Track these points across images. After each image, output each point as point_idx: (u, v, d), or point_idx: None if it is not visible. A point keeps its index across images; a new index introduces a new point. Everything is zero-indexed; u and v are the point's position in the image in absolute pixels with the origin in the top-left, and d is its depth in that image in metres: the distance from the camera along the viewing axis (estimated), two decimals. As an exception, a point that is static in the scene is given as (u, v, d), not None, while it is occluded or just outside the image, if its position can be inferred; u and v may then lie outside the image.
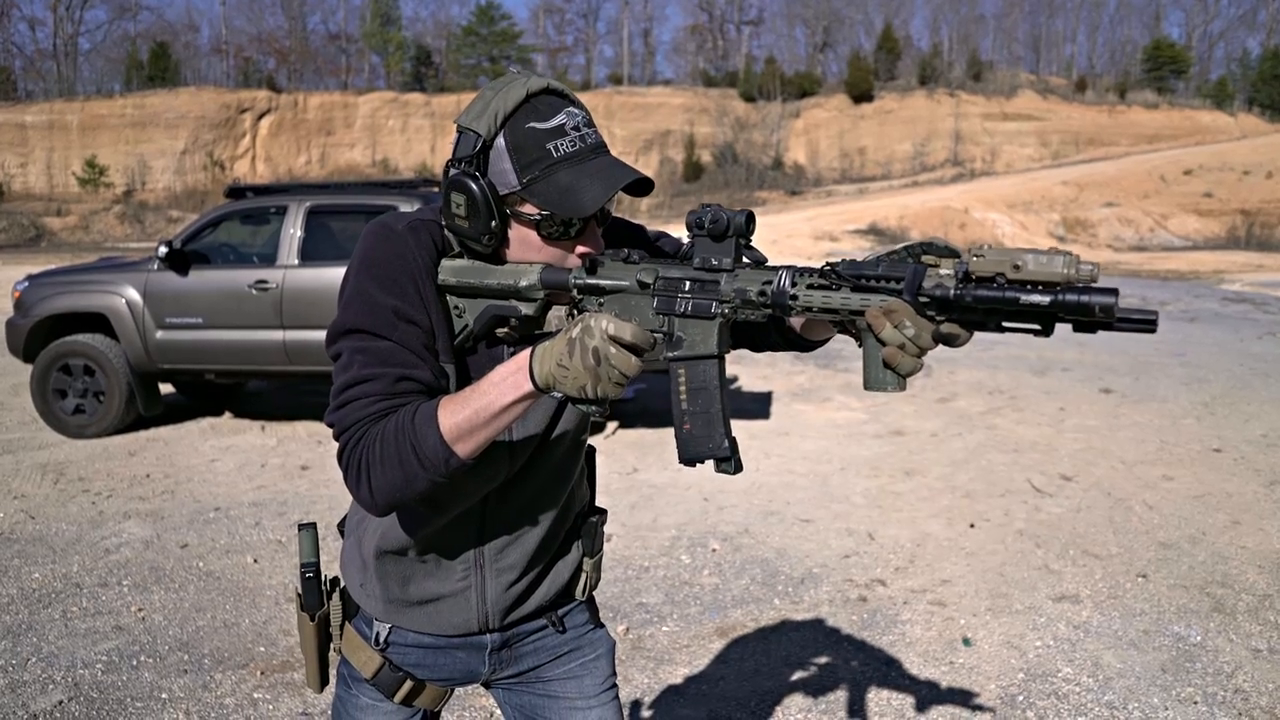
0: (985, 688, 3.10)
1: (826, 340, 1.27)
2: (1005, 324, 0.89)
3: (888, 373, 0.95)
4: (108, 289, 6.54)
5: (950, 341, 0.93)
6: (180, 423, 7.04)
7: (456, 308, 1.22)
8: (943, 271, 0.92)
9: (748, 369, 9.65)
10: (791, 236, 32.95)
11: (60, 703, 2.94)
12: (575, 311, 1.18)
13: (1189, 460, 5.99)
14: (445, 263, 1.21)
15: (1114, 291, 0.83)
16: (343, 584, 1.44)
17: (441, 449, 1.08)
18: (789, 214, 40.93)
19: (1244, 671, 3.21)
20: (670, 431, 6.73)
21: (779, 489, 5.39)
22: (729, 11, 73.86)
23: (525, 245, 1.18)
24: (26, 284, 6.80)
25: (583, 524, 1.45)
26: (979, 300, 0.88)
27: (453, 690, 1.46)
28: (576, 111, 1.16)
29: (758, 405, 7.89)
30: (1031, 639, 3.46)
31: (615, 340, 1.01)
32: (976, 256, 0.88)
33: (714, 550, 4.41)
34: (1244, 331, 12.52)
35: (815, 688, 3.10)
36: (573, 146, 1.13)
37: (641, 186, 1.15)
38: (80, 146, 49.43)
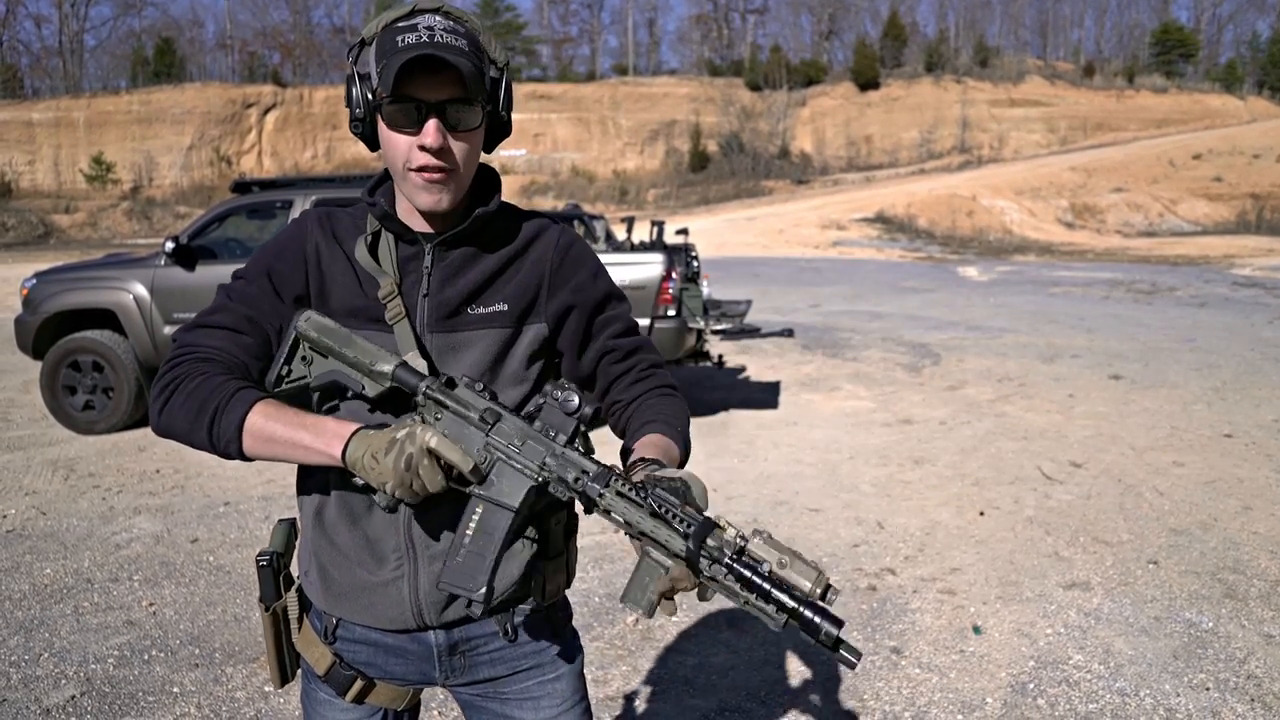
0: (996, 676, 3.10)
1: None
2: (749, 604, 1.05)
3: (646, 598, 1.09)
4: (115, 285, 6.56)
5: (702, 595, 1.08)
6: (189, 418, 7.06)
7: (304, 357, 1.26)
8: (726, 535, 1.05)
9: (756, 359, 9.63)
10: (799, 225, 32.88)
11: (72, 697, 2.95)
12: (415, 411, 1.21)
13: (1199, 446, 5.97)
14: (313, 317, 1.24)
15: (840, 623, 1.01)
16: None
17: (232, 431, 1.17)
18: (796, 203, 40.84)
19: (1256, 657, 3.19)
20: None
21: (788, 478, 5.38)
22: (733, 0, 73.56)
23: (389, 143, 1.23)
24: (35, 281, 6.82)
25: (542, 520, 1.30)
26: (740, 580, 1.04)
27: (418, 693, 1.43)
28: (446, 22, 1.22)
29: (766, 395, 7.87)
30: (1042, 626, 3.45)
31: (434, 454, 1.09)
32: (759, 536, 1.05)
33: (723, 540, 4.40)
34: (1254, 316, 12.46)
35: (825, 677, 3.09)
36: (418, 39, 1.18)
37: (463, 85, 1.18)
38: (87, 143, 49.59)
